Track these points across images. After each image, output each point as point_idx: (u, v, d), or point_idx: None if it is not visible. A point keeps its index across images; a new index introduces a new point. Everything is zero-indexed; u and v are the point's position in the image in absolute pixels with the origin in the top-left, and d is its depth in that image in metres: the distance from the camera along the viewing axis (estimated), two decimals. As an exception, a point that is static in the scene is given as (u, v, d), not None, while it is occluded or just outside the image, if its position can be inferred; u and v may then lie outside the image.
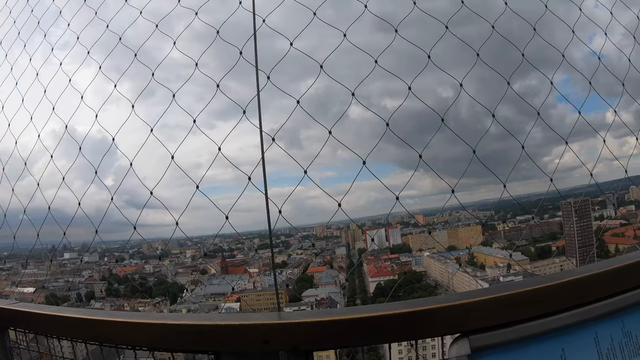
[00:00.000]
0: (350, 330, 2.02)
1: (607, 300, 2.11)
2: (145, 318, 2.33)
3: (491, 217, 68.29)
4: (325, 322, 2.00)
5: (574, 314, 2.03)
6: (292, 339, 2.01)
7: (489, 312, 2.02)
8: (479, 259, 64.32)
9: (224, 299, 53.42)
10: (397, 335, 2.07)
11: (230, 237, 53.84)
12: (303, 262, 67.24)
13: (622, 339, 2.11)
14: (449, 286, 60.60)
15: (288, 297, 53.73)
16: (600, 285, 2.16)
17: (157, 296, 54.12)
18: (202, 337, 2.13)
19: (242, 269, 61.79)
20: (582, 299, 2.09)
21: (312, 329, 2.01)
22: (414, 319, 2.02)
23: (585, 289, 2.12)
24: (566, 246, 63.25)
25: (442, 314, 2.03)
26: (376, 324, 2.03)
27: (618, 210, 63.62)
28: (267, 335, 2.03)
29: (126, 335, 2.34)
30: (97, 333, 2.46)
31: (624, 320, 2.13)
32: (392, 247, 69.81)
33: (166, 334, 2.21)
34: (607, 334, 2.09)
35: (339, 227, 75.33)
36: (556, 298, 2.08)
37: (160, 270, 61.64)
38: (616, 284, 2.18)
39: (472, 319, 2.01)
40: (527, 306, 2.03)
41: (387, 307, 2.08)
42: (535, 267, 54.37)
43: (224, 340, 2.09)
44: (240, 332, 2.04)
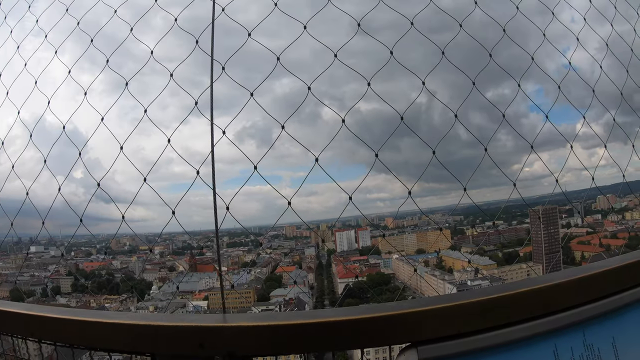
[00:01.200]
0: (292, 337, 1.96)
1: (568, 311, 2.06)
2: (83, 316, 2.24)
3: (460, 221, 69.25)
4: (265, 326, 1.92)
5: (531, 326, 1.98)
6: (228, 343, 1.94)
7: (440, 323, 1.96)
8: (447, 262, 64.96)
9: (192, 296, 53.29)
10: (342, 344, 2.00)
11: (199, 234, 53.63)
12: (272, 262, 67.25)
13: (583, 352, 2.07)
14: (417, 289, 61.19)
15: (256, 296, 53.72)
16: (561, 296, 2.10)
17: (124, 293, 53.58)
18: (138, 338, 2.06)
19: (211, 267, 61.64)
20: (541, 310, 2.03)
21: (250, 334, 1.94)
22: (361, 327, 1.96)
23: (544, 300, 2.06)
24: (533, 252, 64.57)
25: (391, 322, 1.97)
26: (320, 330, 1.96)
27: (585, 219, 65.10)
28: (203, 338, 1.95)
29: (66, 333, 2.27)
30: (35, 330, 2.39)
31: (585, 333, 2.10)
32: (361, 249, 70.20)
33: (104, 333, 2.14)
34: (568, 347, 2.04)
35: (309, 228, 75.66)
36: (513, 309, 2.02)
37: (128, 267, 61.18)
38: (578, 295, 2.14)
39: (422, 328, 1.96)
40: (482, 317, 1.97)
41: (333, 312, 2.04)
42: (502, 272, 55.21)
43: (159, 342, 2.01)
44: (175, 334, 1.98)
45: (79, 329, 2.19)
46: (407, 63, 3.45)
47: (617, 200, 53.39)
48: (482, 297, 2.03)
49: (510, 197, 3.68)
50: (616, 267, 2.32)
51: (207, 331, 1.95)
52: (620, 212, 59.82)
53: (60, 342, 2.34)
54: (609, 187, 3.94)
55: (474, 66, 3.69)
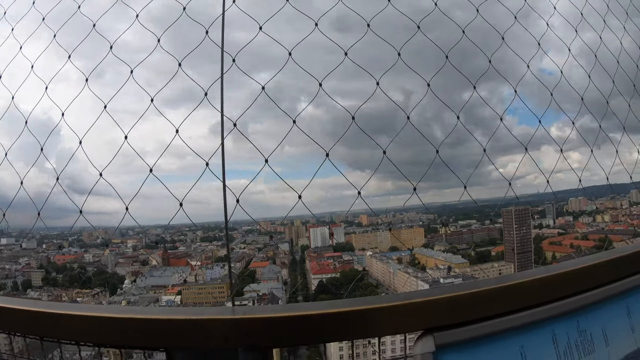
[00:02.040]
0: (312, 327, 1.99)
1: (565, 300, 2.20)
2: (91, 311, 2.17)
3: (434, 220, 69.46)
4: (289, 317, 1.95)
5: (533, 313, 2.09)
6: (253, 336, 1.94)
7: (454, 310, 2.05)
8: (420, 260, 65.10)
9: (165, 291, 52.82)
10: (361, 332, 2.05)
11: (172, 228, 53.17)
12: (246, 257, 66.85)
13: (577, 337, 2.20)
14: (390, 285, 61.34)
15: (229, 291, 53.43)
16: (560, 285, 2.24)
17: (97, 287, 52.87)
18: (153, 333, 2.02)
19: (184, 261, 61.13)
20: (541, 299, 2.17)
21: (274, 325, 1.96)
22: (377, 315, 2.01)
23: (546, 289, 2.18)
24: (505, 252, 65.11)
25: (408, 310, 2.04)
26: (338, 320, 2.00)
27: (556, 220, 65.86)
28: (227, 331, 1.94)
29: (70, 329, 2.19)
30: (38, 326, 2.30)
31: (579, 320, 2.23)
32: (335, 246, 69.99)
33: (114, 329, 2.08)
34: (564, 333, 2.17)
35: (283, 223, 75.26)
36: (519, 296, 2.14)
37: (100, 260, 60.33)
38: (574, 285, 2.26)
39: (437, 316, 2.03)
40: (489, 304, 2.08)
41: (351, 303, 2.09)
42: (474, 270, 55.47)
43: (178, 337, 1.98)
44: (198, 328, 1.95)
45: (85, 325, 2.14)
46: (387, 62, 3.49)
47: (588, 203, 54.12)
48: (491, 285, 2.14)
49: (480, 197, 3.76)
50: (608, 260, 2.48)
51: (230, 324, 1.96)
52: (591, 215, 60.77)
53: (64, 340, 2.29)
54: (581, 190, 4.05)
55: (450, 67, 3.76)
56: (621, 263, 2.49)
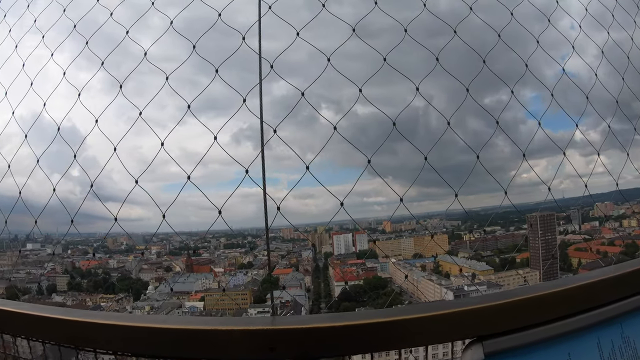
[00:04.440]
0: (360, 337, 1.96)
1: (609, 306, 2.20)
2: (129, 320, 2.14)
3: (458, 227, 69.06)
4: (334, 327, 1.91)
5: (579, 319, 2.10)
6: (300, 345, 1.91)
7: (502, 318, 2.04)
8: (444, 267, 64.76)
9: (188, 297, 53.09)
10: (416, 340, 2.06)
11: (196, 235, 53.40)
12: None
13: (621, 344, 2.18)
14: (414, 293, 61.02)
15: (252, 298, 53.51)
16: (603, 291, 2.25)
17: (120, 292, 53.30)
18: (197, 343, 2.00)
19: (207, 268, 61.39)
20: (586, 305, 2.16)
21: (321, 335, 1.92)
22: (426, 324, 2.01)
23: (588, 295, 2.20)
24: (530, 258, 64.45)
25: (457, 318, 2.04)
26: (389, 329, 1.97)
27: (582, 226, 65.12)
28: (273, 341, 1.91)
29: (127, 342, 2.17)
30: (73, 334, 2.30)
31: (623, 326, 2.20)
32: (358, 253, 69.88)
33: (156, 338, 2.09)
34: (609, 339, 2.16)
35: (306, 230, 75.25)
36: (562, 304, 2.13)
37: (124, 266, 60.80)
38: (616, 291, 2.24)
39: (485, 323, 2.03)
40: (536, 312, 2.08)
41: (399, 311, 2.07)
42: (499, 278, 55.02)
43: (225, 347, 1.95)
44: (243, 338, 1.93)
45: (143, 337, 2.13)
46: (404, 67, 3.47)
47: (614, 207, 53.44)
48: (537, 292, 2.13)
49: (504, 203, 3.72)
50: None
51: (277, 333, 1.93)
52: (617, 220, 59.96)
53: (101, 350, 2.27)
54: (606, 194, 3.97)
55: (472, 71, 3.73)
56: None
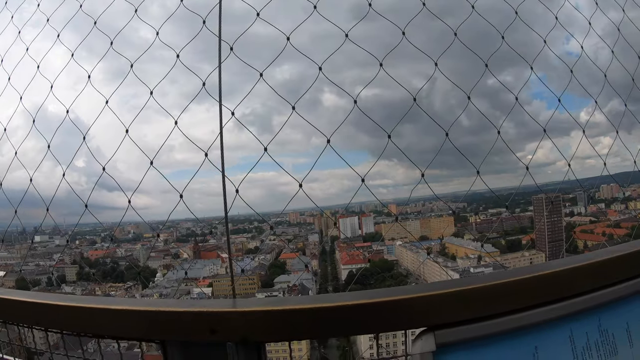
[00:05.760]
0: (305, 321, 1.89)
1: (584, 296, 2.03)
2: (92, 303, 2.16)
3: (463, 209, 69.17)
4: (278, 311, 1.86)
5: (548, 310, 1.93)
6: (241, 328, 1.87)
7: (457, 306, 1.92)
8: (450, 249, 64.92)
9: (196, 283, 53.33)
10: (356, 328, 1.94)
11: (203, 221, 53.53)
12: (276, 248, 67.26)
13: (598, 337, 2.06)
14: (420, 275, 61.28)
15: (260, 282, 53.77)
16: (576, 280, 2.07)
17: (129, 280, 53.57)
18: (149, 325, 1.99)
19: (214, 254, 61.68)
20: (557, 295, 1.99)
21: (263, 319, 1.88)
22: (376, 311, 1.90)
23: (560, 285, 2.02)
24: (536, 240, 64.71)
25: (407, 306, 1.92)
26: (335, 315, 1.90)
27: (588, 208, 65.30)
28: (215, 324, 1.88)
29: (73, 321, 2.19)
30: (40, 318, 2.32)
31: (601, 318, 2.09)
32: (364, 235, 70.12)
33: (113, 321, 2.07)
34: (583, 332, 2.02)
35: (312, 214, 75.54)
36: (530, 293, 2.00)
37: (132, 254, 61.06)
38: (593, 279, 2.12)
39: (438, 312, 1.91)
40: (498, 301, 1.95)
41: (347, 297, 1.98)
42: (505, 259, 55.26)
43: (170, 329, 1.95)
44: (187, 320, 1.91)
45: (87, 317, 2.13)
46: (408, 48, 3.43)
47: (620, 189, 53.50)
48: (499, 280, 2.01)
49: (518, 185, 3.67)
50: (630, 253, 2.30)
51: (219, 316, 1.89)
52: (623, 202, 60.08)
53: (67, 331, 2.28)
54: (613, 176, 3.93)
55: (477, 52, 3.68)
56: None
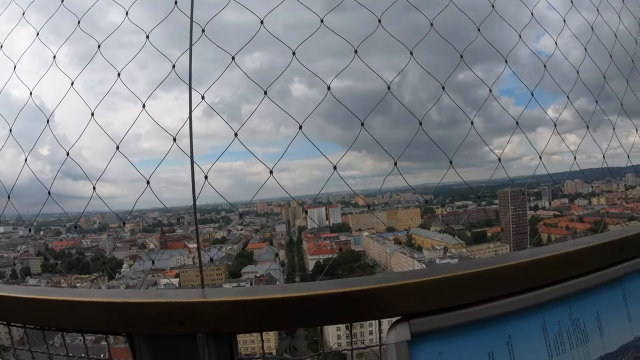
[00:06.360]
0: (277, 311, 1.85)
1: (555, 285, 2.06)
2: (53, 295, 2.06)
3: (430, 201, 69.95)
4: (249, 301, 1.82)
5: (521, 299, 1.93)
6: (211, 320, 1.81)
7: (432, 295, 1.89)
8: (416, 241, 65.59)
9: (163, 274, 52.99)
10: (330, 318, 1.91)
11: (170, 211, 53.12)
12: (243, 238, 67.25)
13: (569, 326, 2.08)
14: (387, 266, 61.88)
15: (227, 272, 53.70)
16: (548, 270, 2.09)
17: (95, 272, 52.93)
18: (114, 317, 1.91)
19: (181, 244, 61.42)
20: (529, 284, 2.01)
21: (233, 309, 1.82)
22: (349, 300, 1.87)
23: (532, 274, 2.03)
24: (501, 232, 66.12)
25: (381, 295, 1.88)
26: (306, 304, 1.86)
27: (552, 202, 67.06)
28: (184, 315, 1.82)
29: (35, 314, 2.08)
30: (2, 312, 2.18)
31: (571, 307, 2.11)
32: (332, 226, 70.50)
33: (77, 313, 1.97)
34: (555, 321, 2.02)
35: (280, 204, 75.73)
36: (502, 282, 1.97)
37: (98, 245, 60.37)
38: (564, 269, 2.15)
39: (413, 301, 1.88)
40: (472, 290, 1.93)
41: (319, 286, 1.96)
42: (471, 251, 56.13)
43: (136, 321, 1.87)
44: (153, 312, 1.84)
45: (50, 310, 2.03)
46: (380, 42, 3.43)
47: (584, 185, 54.91)
48: (473, 269, 1.91)
49: (477, 178, 3.70)
50: (599, 244, 2.34)
51: (188, 307, 1.83)
52: (587, 198, 61.95)
53: (30, 325, 2.19)
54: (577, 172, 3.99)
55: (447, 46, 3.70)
56: (615, 247, 2.39)
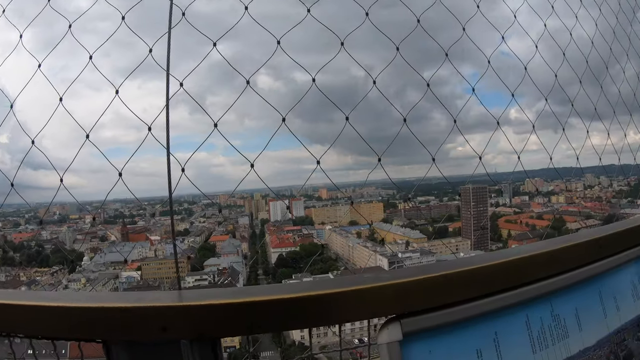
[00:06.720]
0: (266, 313, 1.79)
1: (537, 284, 2.11)
2: (22, 299, 1.90)
3: (393, 195, 70.46)
4: (238, 304, 1.76)
5: (506, 297, 1.96)
6: (196, 325, 1.74)
7: (423, 294, 1.90)
8: (379, 235, 65.90)
9: (125, 267, 52.19)
10: (321, 319, 1.88)
11: (131, 202, 52.47)
12: (206, 231, 66.81)
13: (551, 322, 2.14)
14: (349, 259, 62.12)
15: (190, 265, 53.24)
16: (531, 268, 2.14)
17: (55, 265, 51.85)
18: (90, 323, 1.80)
19: (143, 236, 60.71)
20: (514, 282, 2.05)
21: (221, 313, 1.76)
22: (340, 300, 1.84)
23: (518, 272, 2.07)
24: (462, 228, 67.25)
25: (373, 295, 1.86)
26: (297, 305, 1.82)
27: (513, 200, 68.57)
28: (166, 321, 1.73)
29: None
30: None
31: (552, 304, 2.18)
32: (294, 219, 70.41)
33: (48, 319, 1.84)
34: (538, 317, 2.07)
35: (243, 197, 75.44)
36: (489, 280, 2.03)
37: (58, 237, 59.25)
38: (546, 267, 2.20)
39: (404, 301, 1.87)
40: (460, 288, 1.95)
41: (309, 286, 1.91)
42: (432, 245, 56.68)
43: (114, 327, 1.76)
44: (134, 318, 1.75)
45: (17, 315, 1.89)
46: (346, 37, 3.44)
47: (544, 184, 56.26)
48: (462, 268, 2.00)
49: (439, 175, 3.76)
50: (578, 243, 2.41)
51: (171, 312, 1.75)
52: (546, 196, 63.54)
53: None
54: (537, 171, 4.07)
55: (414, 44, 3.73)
56: (595, 246, 2.47)
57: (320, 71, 3.24)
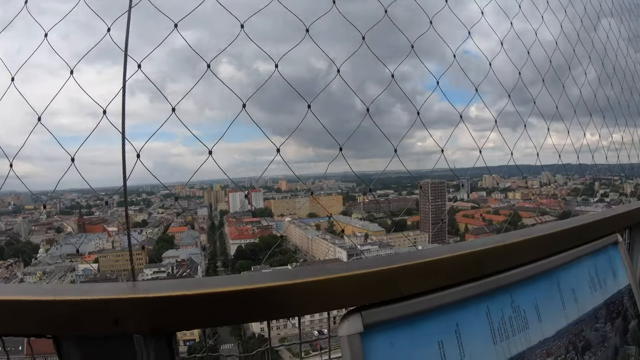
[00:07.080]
0: (225, 306, 1.73)
1: (498, 275, 2.17)
2: None
3: (352, 188, 71.00)
4: (195, 296, 1.70)
5: (467, 288, 2.03)
6: (151, 318, 1.67)
7: (383, 286, 1.90)
8: (338, 227, 66.36)
9: (81, 259, 51.36)
10: (279, 311, 1.82)
11: (88, 192, 51.59)
12: (164, 222, 66.26)
13: (511, 313, 2.17)
14: (308, 251, 62.45)
15: (147, 257, 52.73)
16: (492, 260, 2.16)
17: (9, 257, 50.65)
18: (39, 318, 1.67)
19: (100, 227, 59.89)
20: (474, 274, 2.10)
21: (177, 305, 1.69)
22: (300, 292, 1.82)
23: (478, 263, 2.08)
24: (420, 222, 68.42)
25: (333, 286, 1.85)
26: (256, 296, 1.77)
27: (470, 195, 70.05)
28: (118, 314, 1.64)
29: None
30: None
31: (512, 295, 2.21)
32: (254, 211, 70.41)
33: None
34: (498, 308, 2.15)
35: (202, 188, 75.12)
36: (450, 272, 2.05)
37: (13, 228, 58.05)
38: (506, 260, 2.23)
39: (365, 292, 1.87)
40: (420, 279, 1.95)
41: (270, 277, 1.88)
42: (390, 238, 57.35)
43: (64, 322, 1.66)
44: (83, 311, 1.65)
45: None
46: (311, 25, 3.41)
47: (501, 180, 57.58)
48: (422, 259, 2.02)
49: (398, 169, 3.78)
50: (538, 237, 2.47)
51: (123, 304, 1.66)
52: (503, 192, 65.22)
53: None
54: (495, 168, 4.20)
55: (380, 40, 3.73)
56: (553, 239, 2.53)
57: (284, 62, 3.21)
